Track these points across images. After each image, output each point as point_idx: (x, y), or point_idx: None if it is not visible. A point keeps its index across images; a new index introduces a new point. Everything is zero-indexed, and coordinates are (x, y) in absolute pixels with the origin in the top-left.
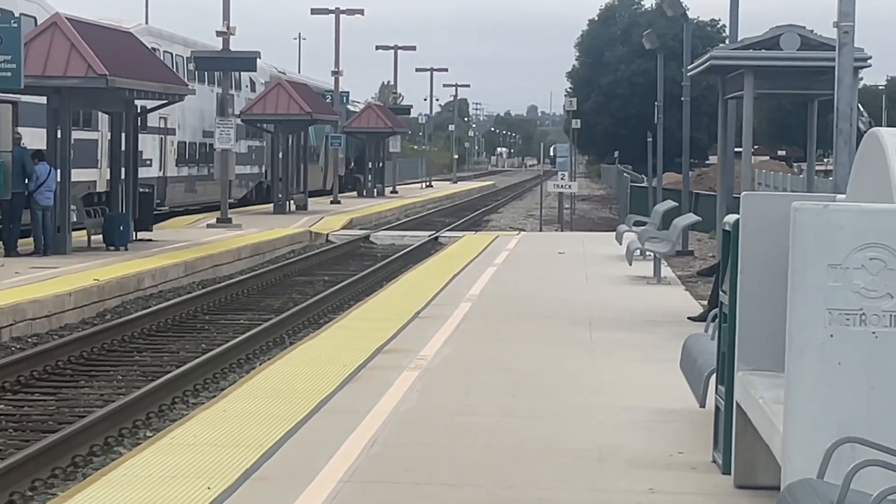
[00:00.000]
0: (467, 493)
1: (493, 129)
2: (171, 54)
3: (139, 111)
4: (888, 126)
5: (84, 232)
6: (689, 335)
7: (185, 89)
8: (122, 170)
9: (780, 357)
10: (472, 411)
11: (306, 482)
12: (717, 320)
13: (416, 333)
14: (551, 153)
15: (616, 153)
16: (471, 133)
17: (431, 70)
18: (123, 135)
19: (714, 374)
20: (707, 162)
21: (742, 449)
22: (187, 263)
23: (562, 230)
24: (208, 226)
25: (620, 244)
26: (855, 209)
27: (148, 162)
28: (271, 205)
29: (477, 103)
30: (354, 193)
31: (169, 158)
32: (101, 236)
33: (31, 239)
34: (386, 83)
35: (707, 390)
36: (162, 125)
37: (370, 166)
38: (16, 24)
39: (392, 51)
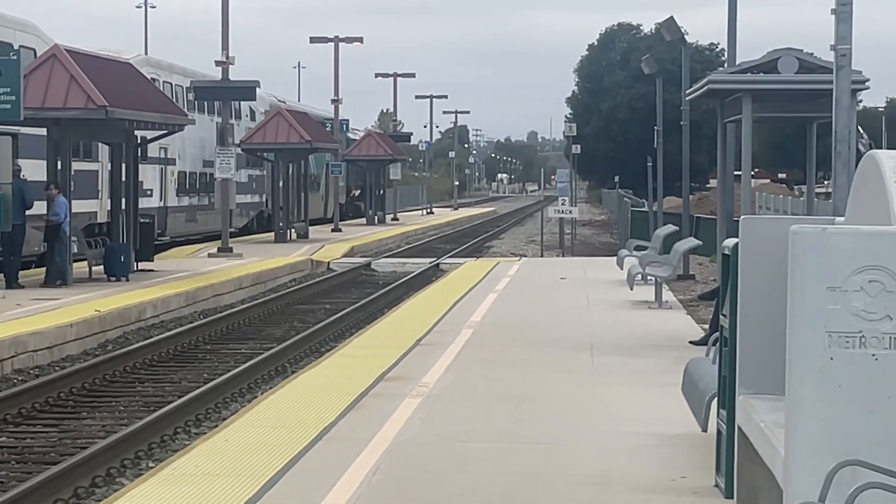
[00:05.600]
0: None
1: (493, 155)
2: (171, 84)
3: (139, 141)
4: (888, 148)
5: (85, 263)
6: (690, 359)
7: (184, 119)
8: (123, 200)
9: (780, 380)
10: (474, 438)
11: None
12: (717, 344)
13: (417, 361)
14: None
15: (616, 178)
16: (471, 159)
17: (431, 97)
18: (124, 165)
19: (716, 398)
20: (707, 185)
21: (744, 473)
22: (188, 293)
23: (563, 255)
24: (209, 255)
25: (622, 269)
26: (853, 232)
27: (148, 192)
28: (272, 233)
29: (477, 129)
30: (355, 221)
31: (169, 188)
32: (102, 267)
33: (30, 270)
34: (385, 110)
35: (709, 414)
36: (162, 155)
37: (370, 194)
38: (15, 57)
39: (391, 78)
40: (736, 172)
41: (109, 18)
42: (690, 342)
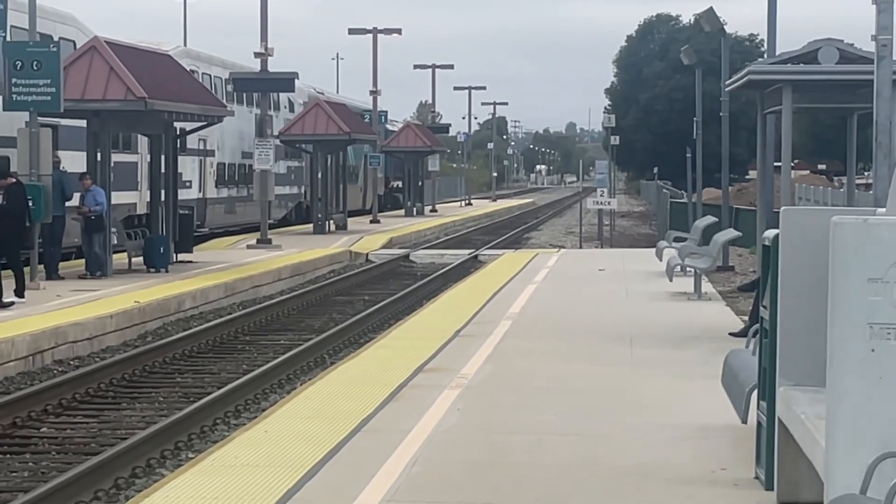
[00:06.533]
0: None
1: (531, 146)
2: (210, 76)
3: (178, 133)
4: None
5: (125, 254)
6: (730, 351)
7: (223, 111)
8: (162, 192)
9: (821, 372)
10: (513, 429)
11: (348, 502)
12: (758, 336)
13: (456, 352)
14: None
15: (655, 169)
16: (509, 151)
17: (469, 88)
18: (163, 157)
19: (756, 390)
20: (747, 177)
21: (784, 465)
22: (227, 285)
23: (602, 247)
24: (248, 247)
25: (661, 260)
26: (895, 223)
27: (188, 184)
28: (311, 225)
29: (515, 121)
30: (393, 212)
31: (208, 180)
32: (141, 258)
33: (69, 261)
34: (424, 102)
35: (749, 406)
36: (201, 147)
37: (409, 185)
38: (55, 49)
39: (430, 70)
40: (776, 163)
41: (148, 11)
42: (730, 334)
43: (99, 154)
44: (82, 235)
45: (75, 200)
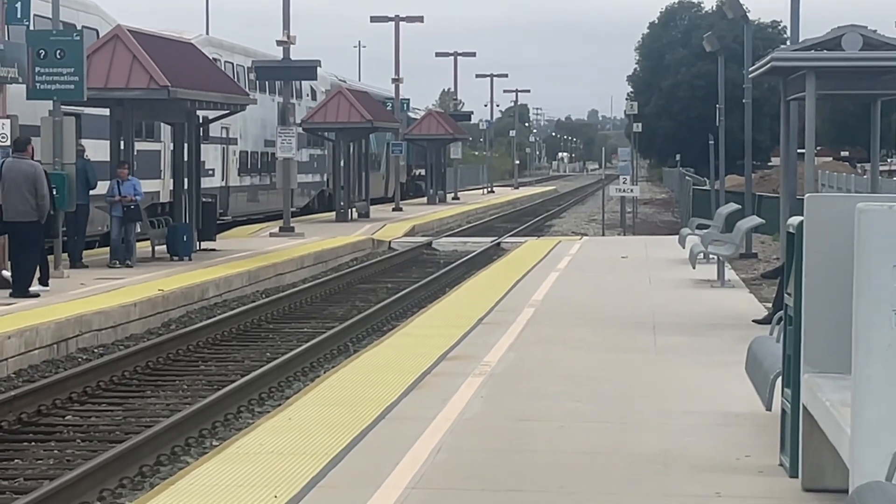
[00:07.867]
0: (534, 499)
1: (553, 133)
2: (232, 64)
3: (201, 121)
4: None
5: (148, 242)
6: (754, 338)
7: (246, 99)
8: (185, 180)
9: (846, 359)
10: (537, 417)
11: (373, 489)
12: (782, 323)
13: (479, 340)
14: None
15: (678, 156)
16: (532, 138)
17: (491, 76)
18: (186, 145)
19: (780, 377)
20: (769, 164)
21: (809, 452)
22: (251, 272)
23: (624, 234)
24: (271, 235)
25: (683, 248)
26: None
27: (210, 172)
28: (333, 213)
29: (537, 108)
30: (415, 200)
31: (231, 168)
32: (164, 247)
33: (93, 249)
34: (446, 90)
35: (773, 393)
36: (224, 135)
37: (431, 173)
38: (78, 37)
39: (452, 57)
40: (799, 150)
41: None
42: (754, 321)
43: (122, 142)
44: (113, 222)
45: (101, 189)
